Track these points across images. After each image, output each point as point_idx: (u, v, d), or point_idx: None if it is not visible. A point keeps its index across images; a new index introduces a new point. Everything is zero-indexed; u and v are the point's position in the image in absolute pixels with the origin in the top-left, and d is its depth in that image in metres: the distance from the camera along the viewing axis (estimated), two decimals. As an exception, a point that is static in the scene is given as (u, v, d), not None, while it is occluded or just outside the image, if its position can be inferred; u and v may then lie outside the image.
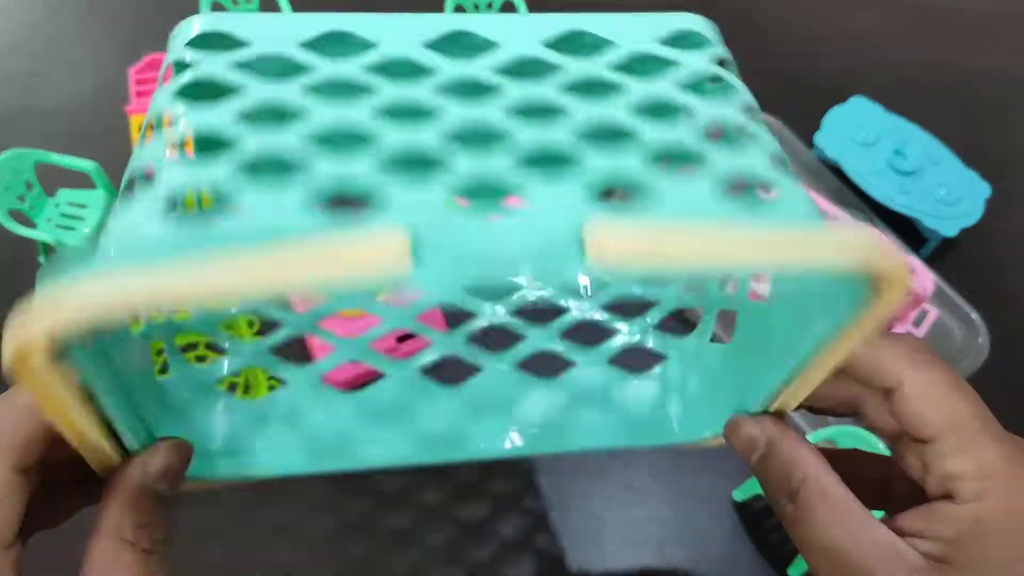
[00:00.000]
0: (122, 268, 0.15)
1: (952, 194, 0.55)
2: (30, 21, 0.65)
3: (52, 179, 0.51)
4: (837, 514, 0.22)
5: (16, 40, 0.64)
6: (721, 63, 0.24)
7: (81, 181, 0.51)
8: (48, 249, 0.52)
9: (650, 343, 0.32)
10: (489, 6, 0.61)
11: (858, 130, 0.57)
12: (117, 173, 0.54)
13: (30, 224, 0.50)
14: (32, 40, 0.64)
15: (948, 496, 0.21)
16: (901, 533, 0.22)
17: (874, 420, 0.24)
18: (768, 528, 0.45)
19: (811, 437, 0.44)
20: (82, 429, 0.19)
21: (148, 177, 0.19)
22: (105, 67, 0.62)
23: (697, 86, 0.23)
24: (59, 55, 0.63)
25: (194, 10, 0.57)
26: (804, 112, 0.59)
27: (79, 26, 0.65)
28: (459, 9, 0.60)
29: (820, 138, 0.58)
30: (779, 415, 0.25)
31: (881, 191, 0.55)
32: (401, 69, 0.22)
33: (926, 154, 0.56)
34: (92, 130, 0.59)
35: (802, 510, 0.22)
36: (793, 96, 0.64)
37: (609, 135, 0.21)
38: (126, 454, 0.22)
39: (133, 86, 0.58)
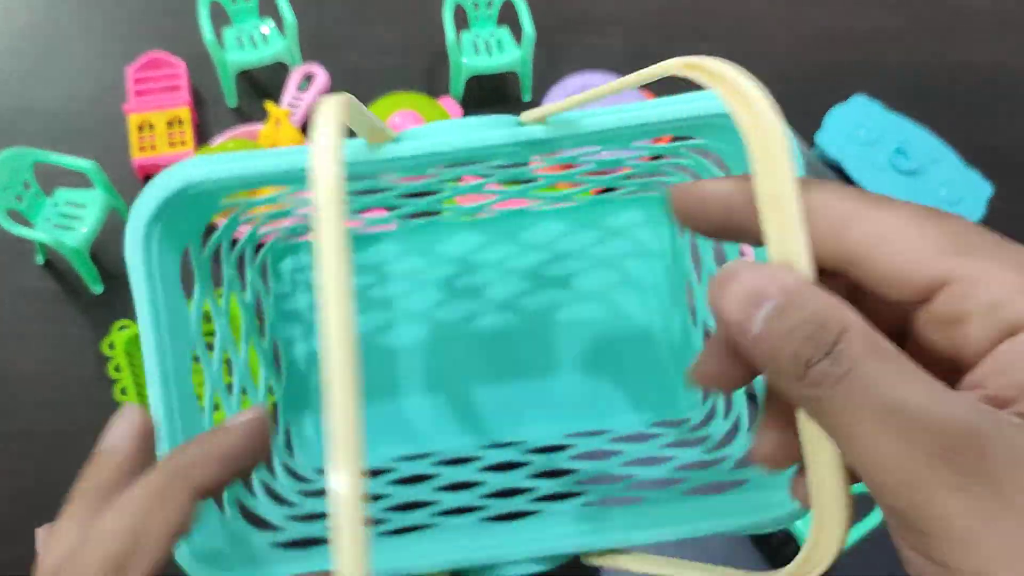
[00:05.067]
0: None
1: (954, 194, 0.55)
2: (28, 21, 0.65)
3: (50, 178, 0.51)
4: (901, 368, 0.16)
5: (14, 39, 0.63)
6: None
7: (79, 180, 0.51)
8: (46, 249, 0.52)
9: None
10: (489, 5, 0.61)
11: (859, 129, 0.57)
12: (115, 173, 0.54)
13: (28, 224, 0.50)
14: (30, 40, 0.63)
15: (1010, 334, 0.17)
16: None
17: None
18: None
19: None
20: None
21: None
22: (103, 66, 0.62)
23: None
24: (57, 54, 0.63)
25: (192, 10, 0.57)
26: (805, 111, 0.59)
27: (77, 25, 0.65)
28: (459, 9, 0.60)
29: (821, 137, 0.58)
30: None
31: (882, 190, 0.55)
32: None
33: (927, 153, 0.56)
34: (90, 130, 0.59)
35: (848, 365, 0.16)
36: (794, 95, 0.64)
37: None
38: None
39: (131, 85, 0.58)
